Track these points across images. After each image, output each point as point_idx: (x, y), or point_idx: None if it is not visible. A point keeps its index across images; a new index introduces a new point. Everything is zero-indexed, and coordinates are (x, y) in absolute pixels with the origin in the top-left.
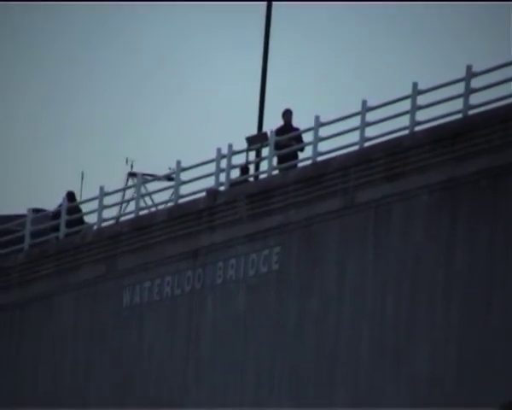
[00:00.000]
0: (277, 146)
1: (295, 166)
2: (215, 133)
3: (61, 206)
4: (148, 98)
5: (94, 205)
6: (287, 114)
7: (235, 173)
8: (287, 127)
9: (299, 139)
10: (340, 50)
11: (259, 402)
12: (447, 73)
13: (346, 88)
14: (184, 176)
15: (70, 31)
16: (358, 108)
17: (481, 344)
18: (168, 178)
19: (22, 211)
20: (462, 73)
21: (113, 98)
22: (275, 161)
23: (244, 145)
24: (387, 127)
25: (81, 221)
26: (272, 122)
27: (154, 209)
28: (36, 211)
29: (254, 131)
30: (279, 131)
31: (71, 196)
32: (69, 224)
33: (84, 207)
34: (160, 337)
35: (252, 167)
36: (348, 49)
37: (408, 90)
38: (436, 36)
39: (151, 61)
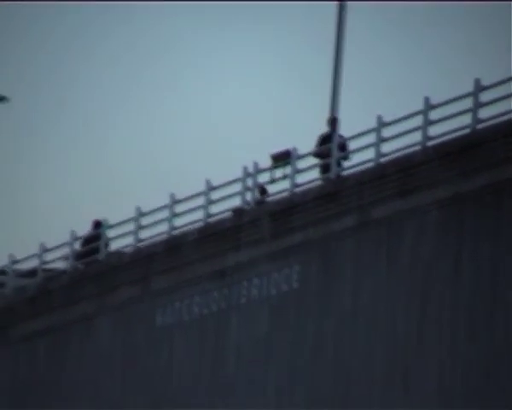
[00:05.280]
0: (320, 155)
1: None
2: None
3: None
4: (176, 110)
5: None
6: (332, 122)
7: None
8: (331, 135)
9: (343, 147)
10: (350, 66)
11: None
12: (458, 87)
13: (359, 103)
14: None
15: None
16: (373, 123)
17: (485, 361)
18: None
19: None
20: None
21: (136, 111)
22: (296, 178)
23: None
24: (401, 143)
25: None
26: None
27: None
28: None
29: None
30: (323, 139)
31: (98, 224)
32: (94, 251)
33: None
34: (189, 357)
35: (272, 187)
36: (355, 64)
37: (419, 105)
38: (446, 49)
39: (176, 70)
